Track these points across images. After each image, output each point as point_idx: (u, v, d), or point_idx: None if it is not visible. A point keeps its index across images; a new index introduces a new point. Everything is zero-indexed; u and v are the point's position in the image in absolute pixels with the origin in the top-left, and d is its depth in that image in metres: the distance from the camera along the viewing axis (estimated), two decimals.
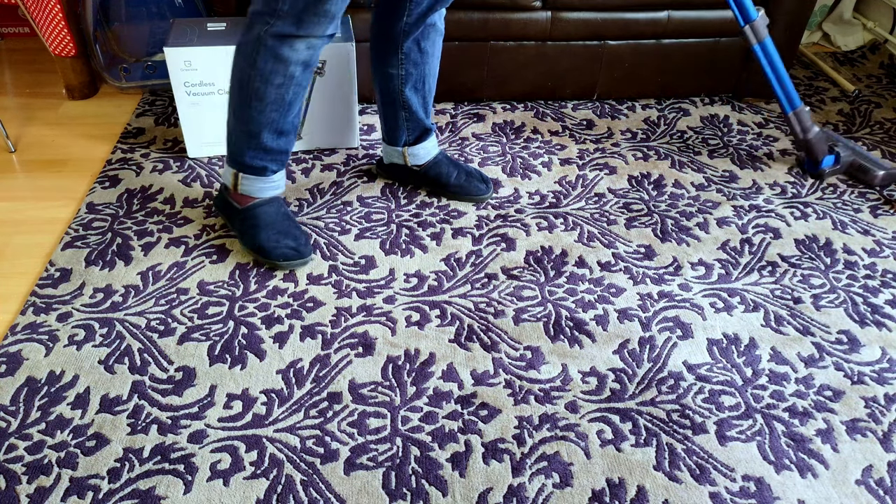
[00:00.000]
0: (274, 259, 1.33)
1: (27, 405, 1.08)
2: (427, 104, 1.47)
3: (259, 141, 1.28)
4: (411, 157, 1.52)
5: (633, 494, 0.99)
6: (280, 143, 1.31)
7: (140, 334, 1.20)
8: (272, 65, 1.19)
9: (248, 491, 0.97)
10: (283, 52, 1.18)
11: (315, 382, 1.13)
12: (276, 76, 1.20)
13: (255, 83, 1.21)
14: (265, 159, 1.32)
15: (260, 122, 1.26)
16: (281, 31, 1.16)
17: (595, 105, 1.97)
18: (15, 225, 1.46)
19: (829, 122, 1.92)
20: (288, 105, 1.25)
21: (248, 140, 1.29)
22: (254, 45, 1.19)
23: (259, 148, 1.30)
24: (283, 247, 1.32)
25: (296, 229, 1.36)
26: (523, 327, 1.24)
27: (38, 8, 1.75)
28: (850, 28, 2.38)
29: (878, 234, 1.51)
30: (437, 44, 1.40)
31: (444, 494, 0.98)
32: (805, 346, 1.23)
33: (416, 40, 1.36)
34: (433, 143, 1.53)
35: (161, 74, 1.92)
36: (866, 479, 1.02)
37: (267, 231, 1.34)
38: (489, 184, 1.56)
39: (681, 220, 1.53)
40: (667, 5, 1.82)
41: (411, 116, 1.46)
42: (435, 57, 1.42)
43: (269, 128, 1.27)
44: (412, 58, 1.38)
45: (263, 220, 1.34)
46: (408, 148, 1.51)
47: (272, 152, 1.31)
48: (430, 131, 1.51)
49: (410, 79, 1.41)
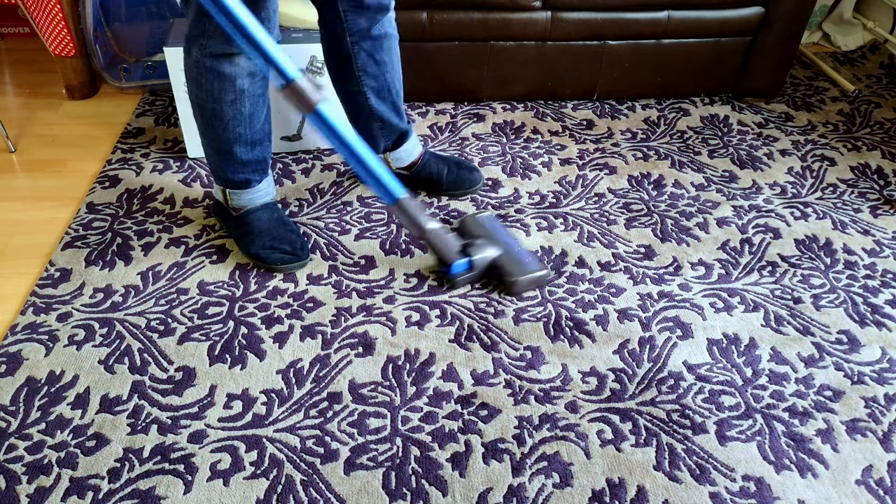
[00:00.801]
0: (271, 263, 1.33)
1: (27, 405, 1.08)
2: (398, 107, 1.45)
3: (233, 156, 1.29)
4: (395, 162, 1.52)
5: (633, 494, 0.99)
6: (255, 154, 1.31)
7: (140, 334, 1.20)
8: (219, 84, 1.19)
9: (248, 491, 0.97)
10: (224, 70, 1.18)
11: (315, 382, 1.13)
12: (226, 94, 1.20)
13: (209, 104, 1.22)
14: (245, 172, 1.32)
15: (227, 139, 1.26)
16: (215, 51, 1.16)
17: (595, 105, 1.97)
18: (15, 225, 1.46)
19: (829, 121, 1.92)
20: (248, 117, 1.24)
21: (223, 157, 1.30)
22: (196, 68, 1.19)
23: (235, 163, 1.30)
24: (278, 252, 1.32)
25: (291, 233, 1.36)
26: (523, 327, 1.24)
27: (38, 8, 1.75)
28: (850, 28, 2.38)
29: (878, 234, 1.51)
30: (392, 50, 1.37)
31: (444, 494, 0.98)
32: (805, 346, 1.23)
33: (369, 54, 1.34)
34: (413, 142, 1.52)
35: (161, 74, 1.92)
36: (866, 479, 1.02)
37: (261, 238, 1.34)
38: (478, 170, 1.57)
39: (681, 220, 1.53)
40: (667, 5, 1.82)
41: (385, 124, 1.45)
42: (393, 63, 1.39)
43: (238, 142, 1.27)
44: (369, 72, 1.36)
45: (257, 228, 1.35)
46: (389, 153, 1.51)
47: (249, 164, 1.32)
48: (408, 132, 1.50)
49: (373, 91, 1.39)
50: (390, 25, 1.35)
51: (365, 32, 1.31)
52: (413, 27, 1.76)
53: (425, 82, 1.88)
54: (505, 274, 1.29)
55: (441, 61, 1.83)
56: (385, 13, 1.31)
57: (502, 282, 1.30)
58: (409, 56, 1.82)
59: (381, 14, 1.30)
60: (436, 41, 1.79)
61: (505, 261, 1.30)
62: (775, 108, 1.99)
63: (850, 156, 1.78)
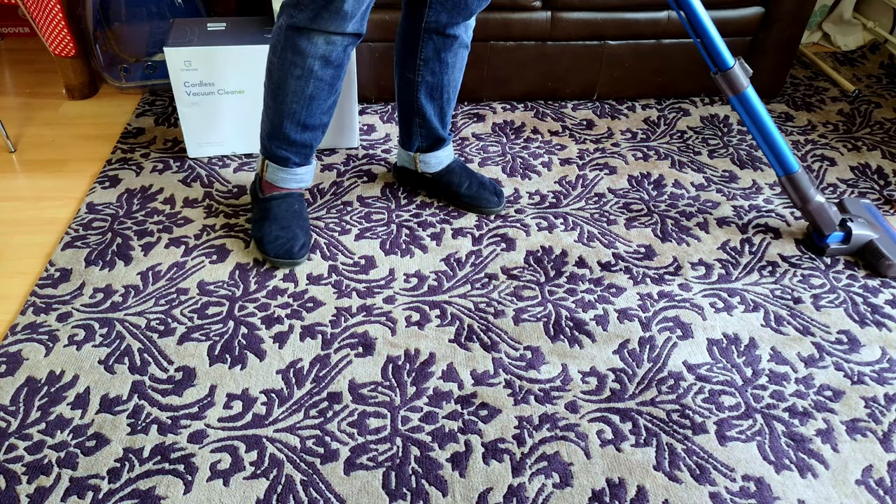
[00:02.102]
0: (265, 253, 1.34)
1: (27, 405, 1.08)
2: (444, 114, 1.45)
3: (281, 130, 1.30)
4: (422, 164, 1.51)
5: (633, 494, 0.99)
6: (303, 137, 1.32)
7: (140, 334, 1.20)
8: (291, 56, 1.21)
9: (248, 491, 0.97)
10: (300, 45, 1.19)
11: (315, 382, 1.13)
12: (294, 68, 1.22)
13: (276, 72, 1.25)
14: (288, 150, 1.34)
15: (281, 111, 1.28)
16: (298, 24, 1.18)
17: (595, 105, 1.97)
18: (15, 225, 1.46)
19: (829, 121, 1.92)
20: (308, 98, 1.25)
21: (272, 128, 1.31)
22: (277, 34, 1.22)
23: (282, 138, 1.32)
24: (277, 244, 1.33)
25: (300, 229, 1.36)
26: (523, 327, 1.24)
27: (38, 8, 1.75)
28: (850, 28, 2.38)
29: None
30: (459, 55, 1.38)
31: (444, 494, 0.98)
32: (805, 346, 1.23)
33: (436, 49, 1.35)
34: (447, 153, 1.51)
35: (161, 74, 1.92)
36: (866, 479, 1.02)
37: (272, 225, 1.35)
38: (501, 197, 1.52)
39: (681, 220, 1.53)
40: (667, 5, 1.82)
41: (425, 124, 1.45)
42: (456, 69, 1.40)
43: (290, 119, 1.28)
44: (430, 66, 1.37)
45: (273, 214, 1.37)
46: (419, 154, 1.50)
47: (295, 144, 1.33)
48: (445, 141, 1.49)
49: (426, 86, 1.40)
50: (465, 32, 1.36)
51: (441, 27, 1.32)
52: None
53: None
54: (882, 257, 1.36)
55: None
56: (465, 19, 1.32)
57: (877, 264, 1.37)
58: None
59: (462, 17, 1.32)
60: None
61: (883, 244, 1.37)
62: (775, 108, 1.99)
63: (850, 156, 1.78)
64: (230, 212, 1.50)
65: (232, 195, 1.55)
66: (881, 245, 1.37)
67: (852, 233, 1.36)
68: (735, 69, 1.25)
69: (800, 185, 1.32)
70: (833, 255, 1.39)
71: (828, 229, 1.36)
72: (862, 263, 1.39)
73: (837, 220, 1.37)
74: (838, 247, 1.38)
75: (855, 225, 1.38)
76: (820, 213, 1.35)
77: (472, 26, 1.38)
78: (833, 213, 1.36)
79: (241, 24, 1.63)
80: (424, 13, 1.32)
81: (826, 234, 1.37)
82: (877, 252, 1.36)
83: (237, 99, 1.60)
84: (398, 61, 1.42)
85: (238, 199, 1.54)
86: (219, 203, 1.52)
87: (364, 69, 1.79)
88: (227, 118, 1.62)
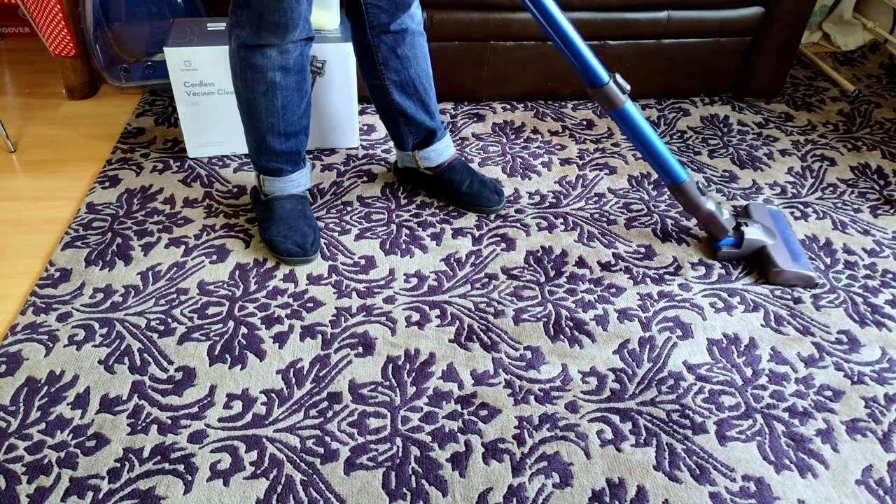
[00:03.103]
0: (278, 254, 1.34)
1: (27, 405, 1.08)
2: (427, 105, 1.45)
3: (266, 145, 1.32)
4: (423, 161, 1.51)
5: (633, 494, 0.99)
6: (288, 145, 1.33)
7: (140, 334, 1.20)
8: (251, 74, 1.22)
9: (248, 491, 0.97)
10: (256, 61, 1.20)
11: (315, 382, 1.13)
12: (258, 84, 1.23)
13: (243, 93, 1.26)
14: (278, 161, 1.35)
15: (260, 128, 1.30)
16: (248, 42, 1.19)
17: (595, 105, 1.97)
18: (15, 225, 1.46)
19: (829, 121, 1.92)
20: (281, 109, 1.26)
21: (257, 144, 1.33)
22: (233, 58, 1.24)
23: (268, 151, 1.34)
24: (289, 243, 1.34)
25: (307, 227, 1.37)
26: (523, 327, 1.24)
27: (38, 8, 1.75)
28: (850, 28, 2.38)
29: (878, 234, 1.51)
30: (417, 45, 1.37)
31: (444, 494, 0.98)
32: (805, 346, 1.23)
33: (390, 48, 1.35)
34: (445, 143, 1.50)
35: (161, 74, 1.92)
36: (866, 479, 1.02)
37: (278, 225, 1.36)
38: (502, 196, 1.52)
39: (681, 219, 1.53)
40: (667, 5, 1.82)
41: (411, 121, 1.45)
42: (419, 59, 1.39)
43: (270, 132, 1.30)
44: (390, 66, 1.37)
45: (278, 214, 1.37)
46: (417, 151, 1.50)
47: (282, 154, 1.34)
48: (438, 131, 1.49)
49: (395, 86, 1.40)
50: (412, 21, 1.35)
51: (385, 26, 1.32)
52: None
53: None
54: (770, 263, 1.35)
55: (440, 61, 1.83)
56: (406, 10, 1.32)
57: (766, 269, 1.36)
58: None
59: (401, 10, 1.31)
60: (436, 41, 1.79)
61: (775, 251, 1.37)
62: (775, 108, 1.99)
63: (850, 156, 1.78)
64: (230, 212, 1.50)
65: (232, 195, 1.55)
66: (772, 251, 1.36)
67: (744, 238, 1.37)
68: (610, 85, 1.23)
69: (688, 193, 1.33)
70: (725, 258, 1.40)
71: (720, 234, 1.38)
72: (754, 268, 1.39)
73: (731, 226, 1.38)
74: (729, 251, 1.39)
75: (749, 230, 1.38)
76: (711, 220, 1.36)
77: (418, 13, 1.36)
78: (726, 219, 1.36)
79: None
80: (364, 19, 1.32)
81: (719, 239, 1.39)
82: (766, 258, 1.36)
83: None
84: (361, 70, 1.42)
85: (238, 199, 1.54)
86: (219, 203, 1.52)
87: None
88: (227, 118, 1.62)
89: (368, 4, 1.30)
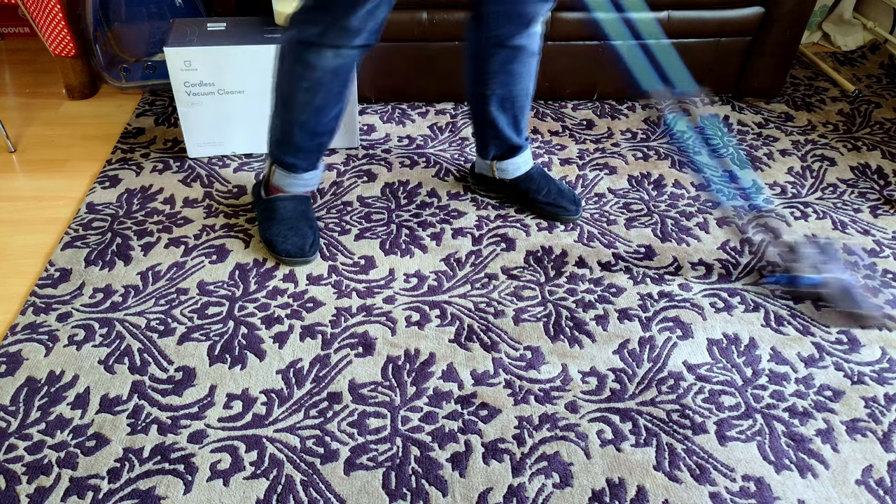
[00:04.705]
0: (277, 254, 1.34)
1: (27, 405, 1.08)
2: (518, 122, 1.44)
3: (291, 138, 1.31)
4: (499, 171, 1.50)
5: (633, 494, 0.99)
6: (312, 143, 1.32)
7: (140, 334, 1.20)
8: (299, 69, 1.21)
9: (248, 491, 0.97)
10: (309, 58, 1.19)
11: (315, 382, 1.13)
12: (302, 80, 1.22)
13: (284, 83, 1.24)
14: (296, 157, 1.34)
15: (290, 120, 1.28)
16: (307, 38, 1.18)
17: (595, 105, 1.97)
18: (15, 225, 1.46)
19: (829, 121, 1.92)
20: (318, 109, 1.25)
21: (282, 135, 1.32)
22: (286, 47, 1.22)
23: (290, 145, 1.32)
24: (289, 244, 1.34)
25: (308, 228, 1.37)
26: (523, 327, 1.24)
27: (38, 8, 1.75)
28: (850, 28, 2.38)
29: (878, 234, 1.51)
30: (527, 64, 1.37)
31: (444, 494, 0.98)
32: (805, 346, 1.23)
33: (503, 62, 1.34)
34: (524, 158, 1.50)
35: (161, 74, 1.92)
36: (866, 479, 1.02)
37: (279, 225, 1.36)
38: (579, 205, 1.50)
39: (681, 220, 1.53)
40: (667, 5, 1.82)
41: (498, 134, 1.45)
42: (526, 77, 1.39)
43: (299, 128, 1.29)
44: (499, 78, 1.37)
45: (279, 214, 1.37)
46: (496, 162, 1.50)
47: (303, 151, 1.33)
48: (521, 148, 1.48)
49: (497, 99, 1.39)
50: (530, 40, 1.34)
51: (502, 40, 1.32)
52: (413, 27, 1.76)
53: (425, 82, 1.88)
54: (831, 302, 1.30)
55: (441, 61, 1.83)
56: (528, 27, 1.31)
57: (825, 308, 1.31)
58: (409, 56, 1.82)
59: (523, 27, 1.31)
60: (436, 41, 1.79)
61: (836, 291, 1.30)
62: (775, 108, 1.99)
63: (850, 156, 1.78)
64: (230, 212, 1.50)
65: (232, 195, 1.55)
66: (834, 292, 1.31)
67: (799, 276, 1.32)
68: None
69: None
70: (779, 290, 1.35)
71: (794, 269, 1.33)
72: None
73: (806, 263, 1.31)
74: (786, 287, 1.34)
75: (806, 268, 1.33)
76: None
77: (539, 32, 1.36)
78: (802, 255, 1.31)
79: (241, 24, 1.63)
80: (485, 28, 1.31)
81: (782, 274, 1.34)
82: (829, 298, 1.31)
83: (237, 99, 1.60)
84: (468, 76, 1.42)
85: (238, 199, 1.54)
86: (219, 203, 1.52)
87: (363, 69, 1.79)
88: (226, 118, 1.62)
89: (489, 15, 1.29)
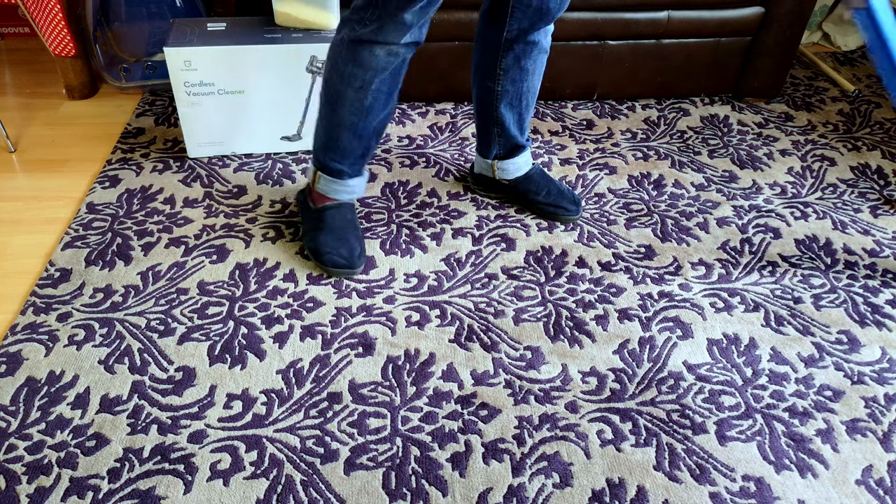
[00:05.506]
0: (323, 264, 1.33)
1: (27, 405, 1.08)
2: (523, 121, 1.44)
3: (337, 142, 1.30)
4: (500, 171, 1.50)
5: (633, 494, 0.99)
6: (359, 148, 1.31)
7: (140, 334, 1.20)
8: (352, 68, 1.20)
9: (248, 491, 0.97)
10: (362, 57, 1.19)
11: (315, 382, 1.13)
12: (354, 80, 1.21)
13: (335, 85, 1.24)
14: (342, 163, 1.33)
15: (339, 123, 1.27)
16: (362, 37, 1.17)
17: (595, 105, 1.97)
18: (15, 225, 1.46)
19: (829, 121, 1.92)
20: (367, 109, 1.25)
21: (328, 140, 1.31)
22: (338, 48, 1.21)
23: (337, 150, 1.31)
24: (336, 254, 1.32)
25: (354, 239, 1.36)
26: (523, 327, 1.24)
27: (38, 8, 1.75)
28: (850, 28, 2.38)
29: (878, 234, 1.51)
30: (538, 61, 1.37)
31: (444, 494, 0.98)
32: (805, 346, 1.23)
33: (516, 57, 1.35)
34: (525, 159, 1.50)
35: (161, 74, 1.92)
36: (866, 479, 1.02)
37: (327, 236, 1.34)
38: (579, 206, 1.50)
39: (681, 220, 1.53)
40: (667, 5, 1.82)
41: (503, 132, 1.45)
42: (535, 75, 1.39)
43: (347, 130, 1.28)
44: (511, 74, 1.37)
45: (328, 224, 1.35)
46: (497, 161, 1.49)
47: (350, 156, 1.32)
48: (523, 148, 1.48)
49: (507, 95, 1.39)
50: (545, 38, 1.35)
51: (523, 34, 1.32)
52: None
53: (425, 82, 1.88)
54: None
55: (441, 61, 1.83)
56: (548, 23, 1.32)
57: None
58: None
59: (543, 23, 1.31)
60: (436, 41, 1.79)
61: None
62: (775, 108, 1.99)
63: (850, 156, 1.78)
64: (230, 212, 1.50)
65: (232, 195, 1.55)
66: None
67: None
68: None
69: None
70: None
71: None
72: None
73: None
74: None
75: None
76: None
77: (552, 31, 1.36)
78: None
79: (241, 24, 1.63)
80: (506, 22, 1.31)
81: None
82: None
83: (237, 99, 1.60)
84: (476, 69, 1.41)
85: (238, 198, 1.54)
86: (219, 203, 1.52)
87: None
88: (227, 118, 1.62)
89: (515, 9, 1.29)
